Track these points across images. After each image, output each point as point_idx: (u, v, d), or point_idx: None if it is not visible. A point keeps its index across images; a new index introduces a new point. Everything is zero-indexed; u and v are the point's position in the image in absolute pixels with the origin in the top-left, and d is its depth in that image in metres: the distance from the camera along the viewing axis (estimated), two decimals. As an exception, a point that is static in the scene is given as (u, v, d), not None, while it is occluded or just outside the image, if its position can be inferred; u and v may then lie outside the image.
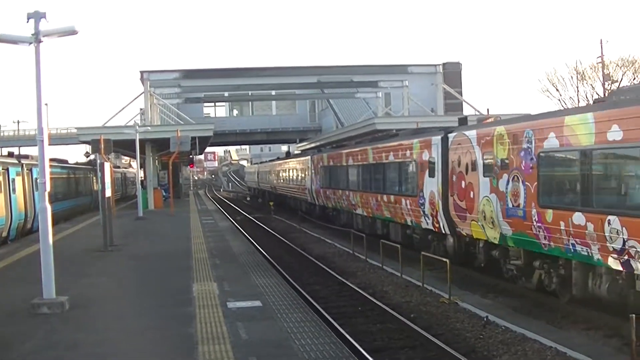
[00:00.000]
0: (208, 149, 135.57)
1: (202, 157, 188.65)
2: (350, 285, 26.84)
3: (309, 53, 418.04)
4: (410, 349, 18.22)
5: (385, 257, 31.25)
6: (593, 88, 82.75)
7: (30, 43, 17.94)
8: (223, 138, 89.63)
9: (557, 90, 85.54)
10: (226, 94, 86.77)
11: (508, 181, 23.02)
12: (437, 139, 29.36)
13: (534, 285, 22.95)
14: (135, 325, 16.02)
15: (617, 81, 79.63)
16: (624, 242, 16.96)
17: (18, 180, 41.44)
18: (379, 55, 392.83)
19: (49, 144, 18.85)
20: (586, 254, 18.77)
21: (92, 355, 13.69)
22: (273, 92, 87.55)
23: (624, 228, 16.98)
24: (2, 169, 38.67)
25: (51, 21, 17.87)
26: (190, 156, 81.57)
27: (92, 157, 74.45)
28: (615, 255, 17.41)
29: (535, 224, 21.27)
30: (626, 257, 16.99)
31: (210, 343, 13.99)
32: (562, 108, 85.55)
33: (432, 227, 30.11)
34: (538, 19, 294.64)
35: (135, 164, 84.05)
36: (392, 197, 34.81)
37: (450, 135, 28.24)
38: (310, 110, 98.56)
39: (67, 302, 18.06)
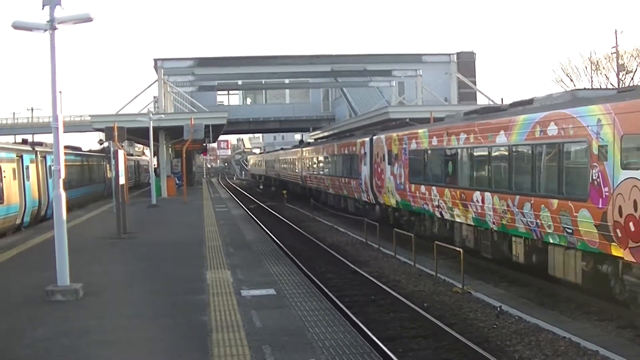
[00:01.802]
0: (221, 137, 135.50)
1: (215, 145, 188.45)
2: (363, 273, 26.83)
3: (323, 42, 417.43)
4: (423, 338, 18.19)
5: (398, 246, 31.24)
6: (607, 78, 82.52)
7: (45, 30, 17.95)
8: (236, 126, 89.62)
9: (572, 80, 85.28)
10: (240, 82, 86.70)
11: (397, 167, 36.38)
12: (368, 140, 42.39)
13: (417, 233, 32.40)
14: (148, 312, 16.03)
15: (631, 71, 79.37)
16: (439, 200, 30.21)
17: (32, 168, 41.49)
18: (392, 44, 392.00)
19: (63, 132, 18.83)
20: (429, 209, 31.81)
21: (105, 342, 13.71)
22: (286, 81, 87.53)
23: (438, 193, 30.25)
24: (16, 156, 38.73)
25: (66, 8, 17.89)
26: (204, 144, 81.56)
27: (105, 144, 74.57)
28: (438, 209, 30.56)
29: (409, 193, 34.41)
30: (440, 210, 30.19)
31: (224, 331, 13.99)
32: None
33: (367, 200, 42.97)
34: (553, 9, 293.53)
35: (148, 151, 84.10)
36: (347, 180, 47.84)
37: (374, 137, 41.39)
38: (323, 98, 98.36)
39: (81, 289, 18.09)
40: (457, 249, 24.98)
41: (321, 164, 59.14)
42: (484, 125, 26.33)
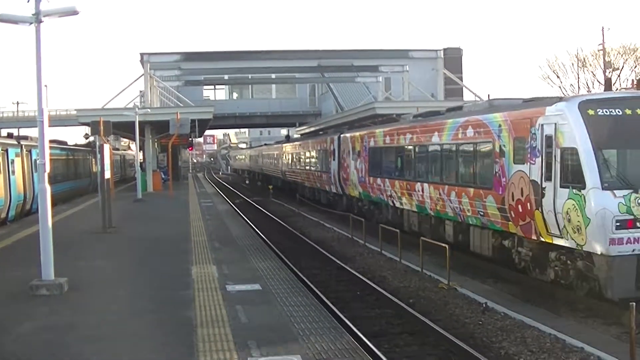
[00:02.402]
0: (207, 132, 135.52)
1: (201, 140, 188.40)
2: (349, 269, 26.87)
3: (310, 37, 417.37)
4: (408, 334, 18.22)
5: (384, 242, 31.28)
6: (594, 75, 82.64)
7: (31, 23, 17.88)
8: (223, 121, 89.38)
9: (558, 77, 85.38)
10: (226, 76, 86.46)
11: (359, 162, 41.42)
12: (336, 137, 47.81)
13: (376, 220, 37.20)
14: (133, 307, 15.98)
15: (618, 69, 79.56)
16: (391, 191, 35.22)
17: (17, 162, 41.35)
18: (379, 40, 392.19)
19: (49, 126, 18.75)
20: (384, 199, 36.79)
21: (90, 337, 13.66)
22: (273, 76, 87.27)
23: (390, 185, 35.23)
24: (2, 150, 38.59)
25: (52, 1, 17.80)
26: (190, 139, 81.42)
27: (91, 139, 74.34)
28: (390, 199, 35.56)
29: (368, 185, 39.35)
30: (392, 199, 35.20)
31: (209, 326, 13.96)
32: (562, 95, 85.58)
33: (335, 191, 48.31)
34: (540, 5, 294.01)
35: (134, 146, 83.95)
36: (320, 174, 53.50)
37: (341, 135, 46.89)
38: (310, 94, 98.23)
39: (66, 284, 18.03)
40: (443, 245, 25.00)
41: (299, 160, 64.52)
42: (424, 127, 31.61)
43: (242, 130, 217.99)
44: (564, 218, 20.05)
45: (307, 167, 59.64)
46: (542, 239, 21.37)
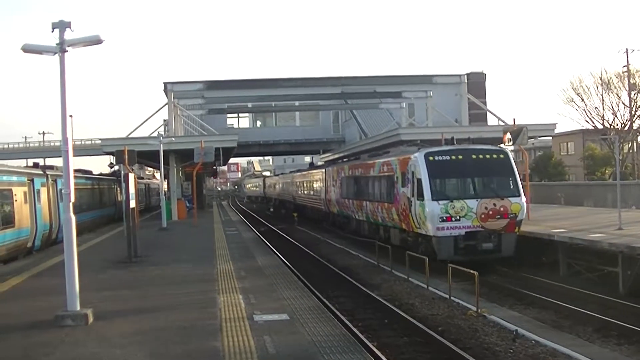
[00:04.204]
0: (231, 160, 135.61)
1: (225, 168, 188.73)
2: (376, 297, 26.66)
3: (333, 64, 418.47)
4: (439, 363, 17.98)
5: (411, 269, 31.10)
6: (619, 97, 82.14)
7: (55, 53, 17.82)
8: (246, 149, 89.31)
9: (582, 100, 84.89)
10: (249, 104, 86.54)
11: (337, 188, 56.27)
12: (322, 170, 65.84)
13: (352, 231, 51.19)
14: (159, 338, 15.77)
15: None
16: (353, 207, 49.68)
17: (43, 191, 41.45)
18: (402, 66, 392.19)
19: (74, 155, 18.67)
20: (350, 214, 51.35)
21: (116, 370, 13.50)
22: (296, 103, 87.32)
23: (352, 203, 49.88)
24: (27, 180, 38.67)
25: (76, 31, 17.76)
26: (214, 167, 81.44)
27: (116, 168, 74.52)
28: (353, 213, 50.04)
29: (341, 204, 54.04)
30: (354, 213, 49.57)
31: (237, 357, 13.70)
32: (587, 118, 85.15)
33: (325, 210, 63.18)
34: (563, 28, 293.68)
35: (158, 174, 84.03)
36: (313, 196, 71.25)
37: (327, 168, 63.43)
38: (333, 121, 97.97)
39: (91, 314, 17.87)
40: (472, 271, 24.76)
41: (303, 186, 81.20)
42: (366, 164, 47.47)
43: (266, 158, 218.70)
44: (418, 217, 34.59)
45: (308, 193, 76.34)
46: (414, 230, 35.63)
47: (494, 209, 33.18)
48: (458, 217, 32.92)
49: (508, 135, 43.72)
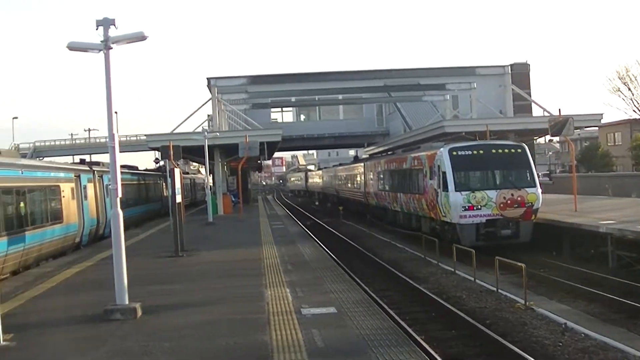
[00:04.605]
0: (276, 155, 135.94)
1: (269, 162, 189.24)
2: (423, 290, 26.58)
3: (376, 57, 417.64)
4: (487, 356, 17.92)
5: (458, 262, 30.99)
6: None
7: (100, 50, 17.94)
8: (290, 143, 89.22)
9: (630, 89, 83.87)
10: (293, 99, 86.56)
11: (374, 180, 60.01)
12: (362, 164, 69.94)
13: (389, 222, 54.61)
14: (207, 332, 15.81)
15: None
16: (389, 199, 53.51)
17: (90, 187, 41.76)
18: (445, 57, 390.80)
19: (120, 151, 18.77)
20: (386, 205, 54.80)
21: (166, 363, 13.55)
22: (340, 97, 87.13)
23: (388, 195, 53.74)
24: (74, 176, 38.98)
25: (119, 28, 17.87)
26: (259, 161, 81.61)
27: (161, 163, 74.90)
28: (389, 204, 53.12)
29: (379, 196, 57.89)
30: (390, 204, 53.15)
31: (285, 351, 13.70)
32: (634, 108, 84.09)
33: (364, 202, 66.71)
34: (609, 17, 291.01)
35: (203, 169, 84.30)
36: (354, 189, 74.73)
37: (365, 163, 68.26)
38: (377, 114, 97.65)
39: (140, 308, 17.98)
40: (520, 264, 24.61)
41: (344, 180, 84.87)
42: (400, 158, 50.93)
43: (310, 151, 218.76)
44: (444, 206, 37.84)
45: (349, 186, 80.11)
46: (441, 219, 38.84)
47: (512, 198, 36.43)
48: (479, 206, 36.23)
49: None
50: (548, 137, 67.84)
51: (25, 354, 14.79)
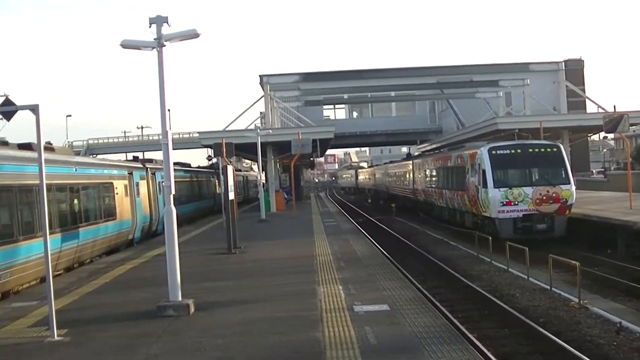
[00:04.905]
0: (328, 152, 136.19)
1: (322, 159, 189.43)
2: (476, 288, 26.44)
3: (429, 53, 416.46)
4: (540, 355, 17.76)
5: (511, 260, 30.78)
6: None
7: (153, 48, 18.03)
8: (343, 140, 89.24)
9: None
10: (345, 96, 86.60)
11: (421, 177, 62.59)
12: (411, 162, 71.76)
13: (435, 217, 56.85)
14: (260, 329, 15.82)
15: None
16: (435, 195, 55.68)
17: (142, 184, 42.05)
18: (498, 54, 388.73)
19: (173, 148, 18.86)
20: (433, 201, 57.19)
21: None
22: (392, 94, 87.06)
23: (434, 191, 56.39)
24: (127, 173, 39.25)
25: (173, 26, 17.96)
26: (311, 159, 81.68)
27: (214, 160, 75.25)
28: (436, 200, 55.66)
29: (427, 192, 59.67)
30: (436, 200, 55.57)
31: (338, 348, 13.67)
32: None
33: (414, 198, 68.30)
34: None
35: (256, 167, 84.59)
36: (404, 186, 76.41)
37: (414, 161, 69.65)
38: (430, 110, 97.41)
39: (192, 305, 18.04)
40: (574, 262, 24.43)
41: (394, 177, 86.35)
42: (445, 156, 53.97)
43: (363, 149, 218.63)
44: (484, 202, 40.24)
45: (398, 182, 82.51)
46: (481, 213, 41.23)
47: (547, 194, 38.63)
48: (516, 202, 38.54)
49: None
50: (602, 134, 67.29)
51: (79, 350, 14.91)
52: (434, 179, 57.22)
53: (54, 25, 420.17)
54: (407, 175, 73.43)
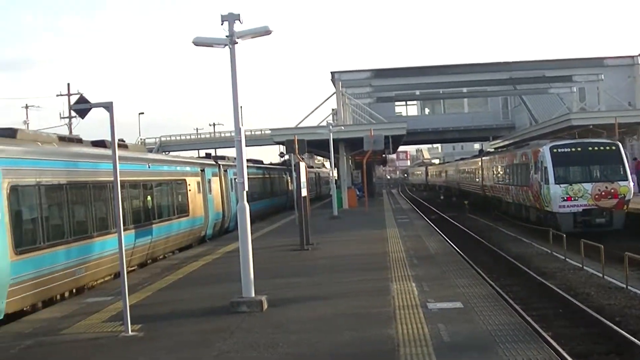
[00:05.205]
0: (400, 148, 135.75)
1: (394, 156, 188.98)
2: (551, 286, 26.14)
3: (501, 48, 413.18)
4: (616, 354, 17.48)
5: (586, 258, 30.40)
6: None
7: (225, 45, 18.11)
8: (415, 137, 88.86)
9: None
10: (417, 92, 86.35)
11: (489, 174, 64.81)
12: (480, 159, 72.91)
13: (502, 212, 58.55)
14: (333, 325, 15.82)
15: None
16: (503, 191, 58.27)
17: (215, 181, 42.29)
18: (572, 48, 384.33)
19: (245, 145, 18.91)
20: (500, 197, 59.58)
21: (291, 356, 13.55)
22: (464, 90, 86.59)
23: (502, 188, 58.60)
24: (200, 170, 39.49)
25: (244, 23, 18.01)
26: (383, 155, 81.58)
27: (286, 157, 75.58)
28: (503, 196, 58.41)
29: (495, 188, 62.68)
30: (504, 196, 58.26)
31: (411, 345, 13.61)
32: None
33: (483, 195, 69.91)
34: None
35: (328, 163, 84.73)
36: (473, 183, 77.46)
37: (482, 158, 71.90)
38: (502, 107, 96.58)
39: (265, 301, 18.08)
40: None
41: (464, 174, 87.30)
42: (511, 154, 55.75)
43: (435, 145, 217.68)
44: (546, 197, 42.31)
45: (467, 179, 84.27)
46: (543, 208, 43.58)
47: (606, 190, 40.91)
48: (576, 197, 40.93)
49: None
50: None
51: (153, 345, 15.05)
52: (501, 175, 59.50)
53: (127, 24, 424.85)
54: (477, 172, 75.05)
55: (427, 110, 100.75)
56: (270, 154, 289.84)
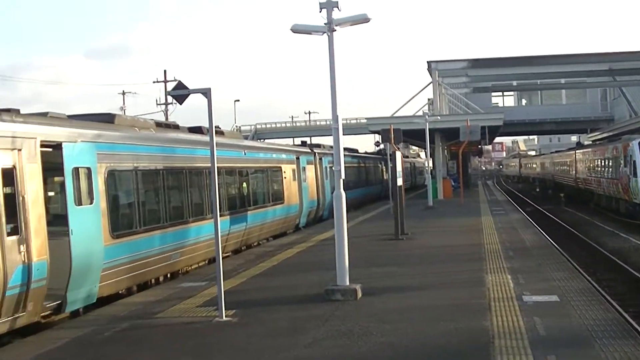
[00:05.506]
0: (496, 140, 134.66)
1: (489, 147, 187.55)
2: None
3: (600, 38, 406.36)
4: None
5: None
6: None
7: (324, 33, 18.13)
8: (511, 128, 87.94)
9: None
10: (514, 82, 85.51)
11: (582, 167, 67.18)
12: (573, 152, 74.31)
13: (594, 203, 60.63)
14: (428, 315, 15.78)
15: None
16: (594, 184, 60.64)
17: (309, 169, 42.42)
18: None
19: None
20: (593, 189, 60.82)
21: (386, 345, 13.54)
22: (562, 81, 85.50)
23: (592, 180, 62.00)
24: (295, 158, 39.64)
25: (342, 10, 18.00)
26: (479, 146, 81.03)
27: (381, 146, 75.48)
28: (594, 188, 60.22)
29: (587, 180, 64.15)
30: (593, 189, 61.31)
31: (506, 337, 13.48)
32: None
33: (576, 187, 71.12)
34: None
35: (423, 153, 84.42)
36: (567, 175, 78.45)
37: (575, 151, 72.54)
38: (601, 98, 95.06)
39: (360, 290, 18.09)
40: None
41: (559, 166, 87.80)
42: (602, 148, 57.94)
43: (531, 137, 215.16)
44: (634, 190, 43.29)
45: (564, 172, 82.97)
46: (632, 200, 44.65)
47: None
48: None
49: None
50: None
51: (247, 330, 15.20)
52: (593, 168, 60.91)
53: (224, 11, 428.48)
54: (570, 165, 76.30)
55: (524, 101, 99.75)
56: (366, 143, 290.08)
